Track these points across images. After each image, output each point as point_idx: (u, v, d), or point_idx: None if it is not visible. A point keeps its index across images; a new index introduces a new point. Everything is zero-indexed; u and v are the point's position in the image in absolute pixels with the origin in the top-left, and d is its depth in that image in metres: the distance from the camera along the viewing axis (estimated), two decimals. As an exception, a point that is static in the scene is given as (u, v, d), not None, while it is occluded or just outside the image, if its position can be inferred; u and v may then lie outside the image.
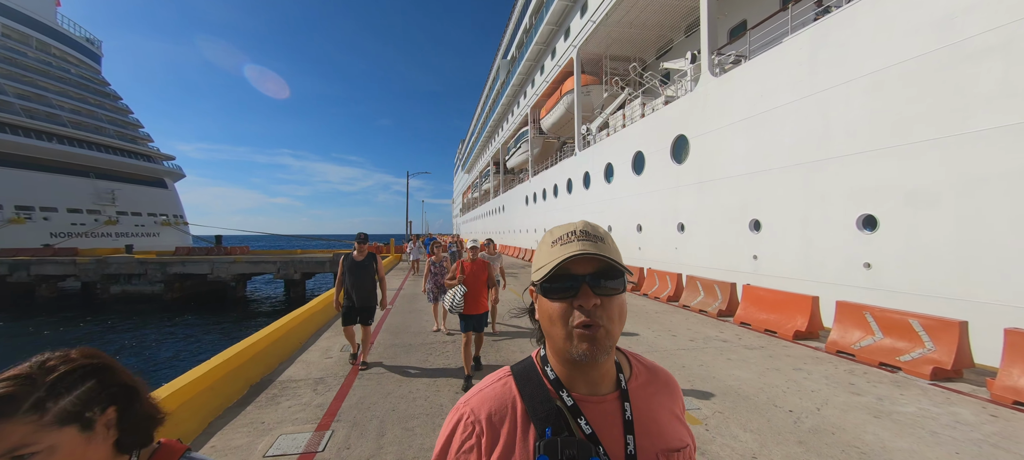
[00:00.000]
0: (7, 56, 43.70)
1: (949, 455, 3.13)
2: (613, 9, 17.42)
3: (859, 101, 7.37)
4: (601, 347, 0.70)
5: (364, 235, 5.28)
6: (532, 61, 29.14)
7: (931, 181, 6.38)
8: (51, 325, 18.59)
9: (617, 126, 17.57)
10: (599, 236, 0.76)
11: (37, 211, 41.05)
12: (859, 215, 7.41)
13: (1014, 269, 5.47)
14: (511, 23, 35.85)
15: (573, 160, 21.63)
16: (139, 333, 17.19)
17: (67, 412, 0.70)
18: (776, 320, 6.77)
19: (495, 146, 45.68)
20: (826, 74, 7.96)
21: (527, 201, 31.47)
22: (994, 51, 5.66)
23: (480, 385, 0.80)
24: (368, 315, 5.19)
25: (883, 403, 4.05)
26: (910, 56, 6.61)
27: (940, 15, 6.23)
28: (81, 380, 0.73)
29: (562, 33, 23.65)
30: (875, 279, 7.15)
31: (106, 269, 21.60)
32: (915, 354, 4.74)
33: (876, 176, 7.14)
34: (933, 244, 6.37)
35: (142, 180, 53.69)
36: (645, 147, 14.50)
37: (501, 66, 39.24)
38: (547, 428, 0.71)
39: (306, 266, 21.78)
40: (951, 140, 6.13)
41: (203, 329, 17.95)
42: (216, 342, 15.16)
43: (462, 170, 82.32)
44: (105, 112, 51.90)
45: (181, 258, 22.03)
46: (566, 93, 24.01)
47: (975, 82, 5.86)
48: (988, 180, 5.74)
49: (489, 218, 51.53)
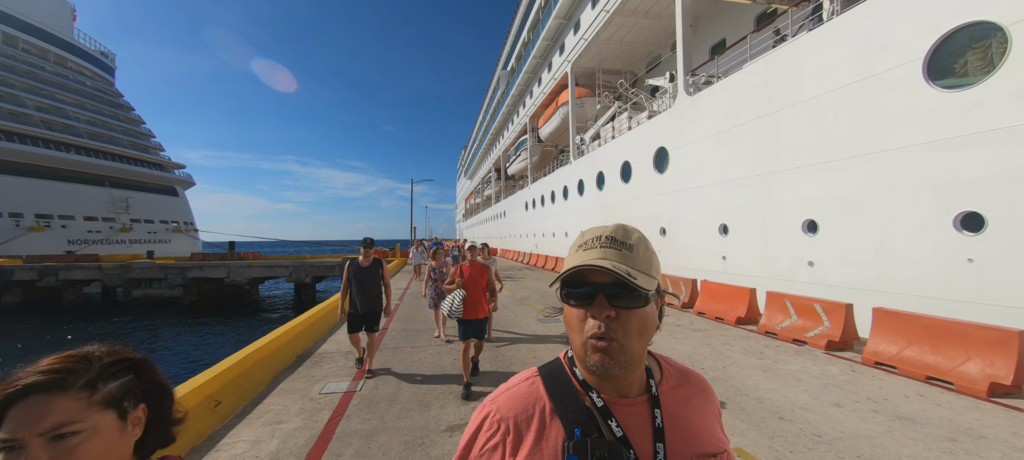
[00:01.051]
0: (27, 70, 45.49)
1: (800, 392, 4.35)
2: (603, 28, 18.71)
3: (803, 122, 8.58)
4: (615, 361, 0.68)
5: (370, 240, 5.19)
6: (530, 73, 30.50)
7: (857, 190, 7.57)
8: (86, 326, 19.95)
9: (607, 137, 18.82)
10: (628, 244, 0.73)
11: (56, 219, 42.66)
12: (804, 220, 8.61)
13: (914, 262, 6.65)
14: (510, 36, 37.27)
15: (568, 168, 22.88)
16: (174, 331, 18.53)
17: (113, 397, 0.71)
18: (723, 309, 7.97)
19: (496, 153, 47.04)
20: (778, 97, 9.18)
21: (526, 207, 32.70)
22: (900, 83, 6.86)
23: (507, 384, 0.79)
24: (374, 321, 5.11)
25: (776, 364, 5.27)
26: (840, 84, 7.82)
27: (862, 52, 7.44)
28: (125, 371, 0.75)
29: (557, 48, 24.99)
30: (817, 275, 8.32)
31: (129, 274, 22.98)
32: (817, 331, 5.93)
33: (817, 186, 8.33)
34: (860, 244, 7.54)
35: (154, 188, 55.32)
36: (632, 157, 15.72)
37: (501, 76, 40.64)
38: (577, 429, 0.68)
39: (317, 270, 23.09)
40: (872, 156, 7.33)
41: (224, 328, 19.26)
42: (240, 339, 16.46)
43: (465, 176, 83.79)
44: (119, 123, 53.60)
45: (199, 263, 23.39)
46: (562, 104, 25.32)
47: (888, 108, 7.06)
48: (897, 189, 6.93)
49: (491, 223, 52.79)
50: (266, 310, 24.07)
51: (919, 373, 4.56)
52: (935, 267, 6.41)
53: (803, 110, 8.57)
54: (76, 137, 46.09)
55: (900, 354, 4.85)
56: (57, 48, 51.19)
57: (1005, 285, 5.63)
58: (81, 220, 45.07)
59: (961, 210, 6.09)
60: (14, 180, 39.78)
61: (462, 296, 4.59)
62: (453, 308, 4.57)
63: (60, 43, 51.86)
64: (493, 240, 49.70)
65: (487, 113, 51.32)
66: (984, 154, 5.83)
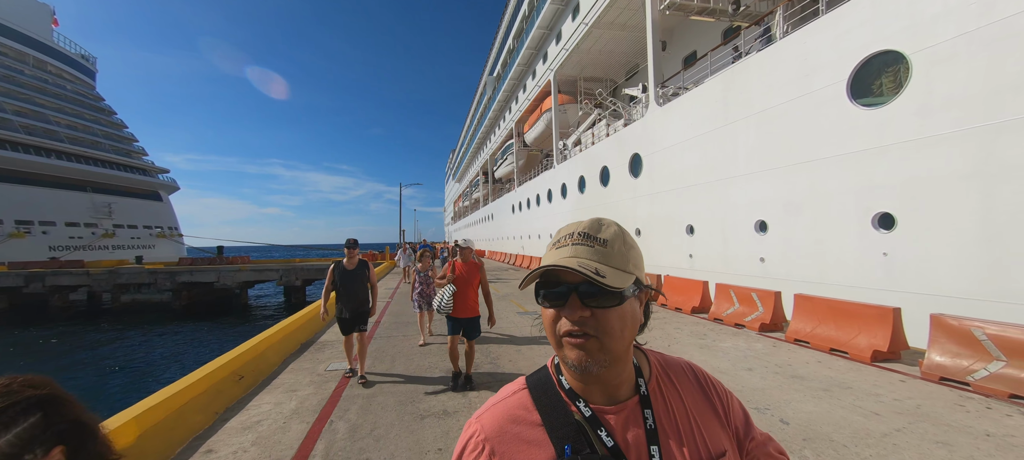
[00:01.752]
0: (5, 74, 44.80)
1: (723, 361, 5.27)
2: (583, 39, 19.69)
3: (754, 132, 9.58)
4: (594, 359, 0.65)
5: (354, 240, 5.03)
6: (515, 80, 31.42)
7: (798, 194, 8.56)
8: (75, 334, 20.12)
9: (588, 143, 19.78)
10: (602, 239, 0.70)
11: (36, 225, 42.09)
12: (756, 220, 9.59)
13: (842, 256, 7.65)
14: (496, 43, 38.17)
15: (552, 172, 23.79)
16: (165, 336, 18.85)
17: (3, 454, 0.60)
18: (681, 300, 8.91)
19: (483, 157, 47.85)
20: (733, 110, 10.17)
21: (513, 209, 33.54)
22: (831, 101, 7.87)
23: (494, 399, 0.76)
24: (362, 321, 4.99)
25: (713, 343, 6.20)
26: (784, 100, 8.82)
27: (800, 72, 8.44)
28: (23, 414, 0.63)
29: (541, 57, 25.94)
30: (767, 269, 9.30)
31: (118, 279, 23.14)
32: (753, 316, 6.87)
33: (767, 191, 9.32)
34: (801, 241, 8.53)
35: (137, 193, 54.67)
36: (610, 162, 16.68)
37: (488, 82, 41.51)
38: (566, 446, 0.66)
39: (307, 273, 23.56)
40: (809, 164, 8.32)
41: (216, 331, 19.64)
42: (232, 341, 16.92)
43: (453, 179, 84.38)
44: (100, 127, 52.96)
45: (189, 267, 23.66)
46: (546, 111, 26.24)
47: (822, 121, 8.06)
48: (829, 193, 7.93)
49: (479, 226, 53.52)
50: (255, 313, 24.42)
51: (825, 346, 5.49)
52: (858, 260, 7.41)
53: (754, 122, 9.56)
54: (57, 142, 45.51)
55: (813, 331, 5.79)
56: (36, 52, 50.47)
57: (911, 274, 6.63)
58: (62, 226, 44.50)
59: (877, 211, 7.09)
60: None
61: (452, 291, 4.55)
62: (443, 303, 4.52)
63: (39, 46, 51.13)
64: (482, 242, 50.42)
65: (474, 117, 52.13)
66: (893, 163, 6.84)
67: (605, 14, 17.63)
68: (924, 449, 3.04)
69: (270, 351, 5.36)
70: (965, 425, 3.40)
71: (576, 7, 20.17)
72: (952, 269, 6.14)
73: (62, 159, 45.64)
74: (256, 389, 4.44)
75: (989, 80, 5.70)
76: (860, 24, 7.31)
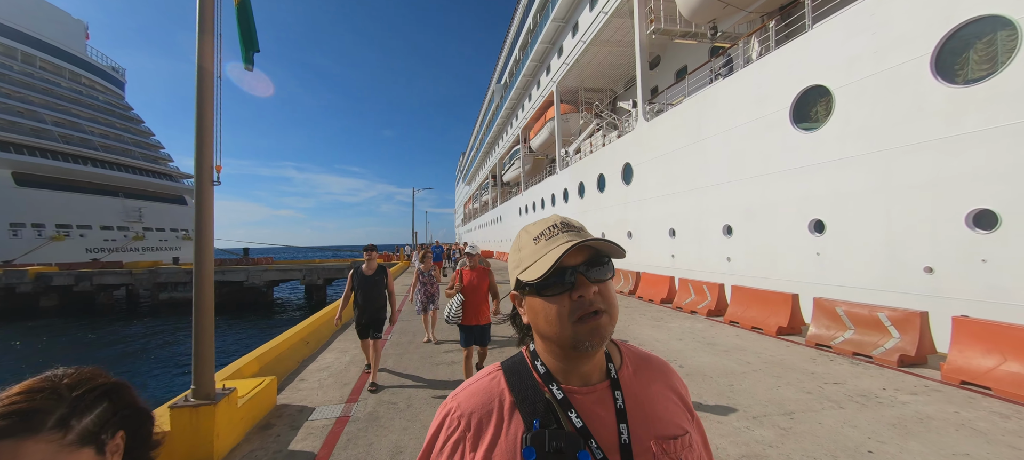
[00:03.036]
0: (45, 87, 47.90)
1: (663, 335, 6.78)
2: (583, 54, 21.21)
3: (721, 148, 11.03)
4: (607, 333, 0.71)
5: (372, 246, 5.19)
6: (521, 89, 33.05)
7: (754, 203, 9.99)
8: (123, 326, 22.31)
9: (587, 151, 21.29)
10: (577, 226, 0.77)
11: (74, 229, 44.99)
12: (723, 225, 11.04)
13: (787, 256, 9.08)
14: (503, 53, 39.84)
15: (555, 178, 25.34)
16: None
17: (88, 432, 0.66)
18: (653, 293, 10.47)
19: (492, 161, 49.56)
20: (705, 128, 11.63)
21: (520, 212, 35.14)
22: (778, 124, 9.30)
23: (469, 381, 0.80)
24: (377, 327, 5.09)
25: (663, 324, 7.76)
26: (743, 122, 10.27)
27: (755, 98, 9.88)
28: (98, 400, 0.69)
29: (544, 69, 27.52)
30: (733, 268, 10.74)
31: (157, 278, 25.33)
32: (703, 304, 8.37)
33: (731, 199, 10.76)
34: (757, 243, 9.97)
35: (164, 197, 57.60)
36: (605, 170, 18.17)
37: (496, 89, 43.20)
38: (535, 420, 0.70)
39: (328, 273, 25.48)
40: (761, 177, 9.76)
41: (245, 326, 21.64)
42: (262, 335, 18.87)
43: (463, 182, 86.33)
44: (130, 135, 55.95)
45: (221, 267, 25.73)
46: (549, 119, 27.80)
47: (772, 142, 9.49)
48: (776, 203, 9.36)
49: (488, 227, 55.25)
50: (280, 310, 26.42)
51: (748, 325, 6.97)
52: (799, 259, 8.84)
53: (721, 140, 11.02)
54: (91, 150, 48.41)
55: (743, 314, 7.28)
56: (71, 65, 53.61)
57: (836, 270, 8.05)
58: (97, 229, 47.40)
59: (812, 218, 8.53)
60: (36, 192, 42.10)
61: (460, 301, 4.50)
62: (452, 314, 4.46)
63: (74, 60, 54.30)
64: (491, 243, 52.11)
65: (483, 123, 53.89)
66: (824, 178, 8.27)
67: (601, 33, 19.14)
68: (762, 379, 4.57)
69: (322, 328, 7.05)
70: (802, 368, 4.96)
71: (575, 25, 21.74)
72: (863, 266, 7.57)
73: (96, 166, 48.57)
74: (319, 350, 6.13)
75: (886, 114, 7.13)
76: (800, 61, 8.76)
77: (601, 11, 18.29)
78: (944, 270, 6.36)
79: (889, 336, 5.33)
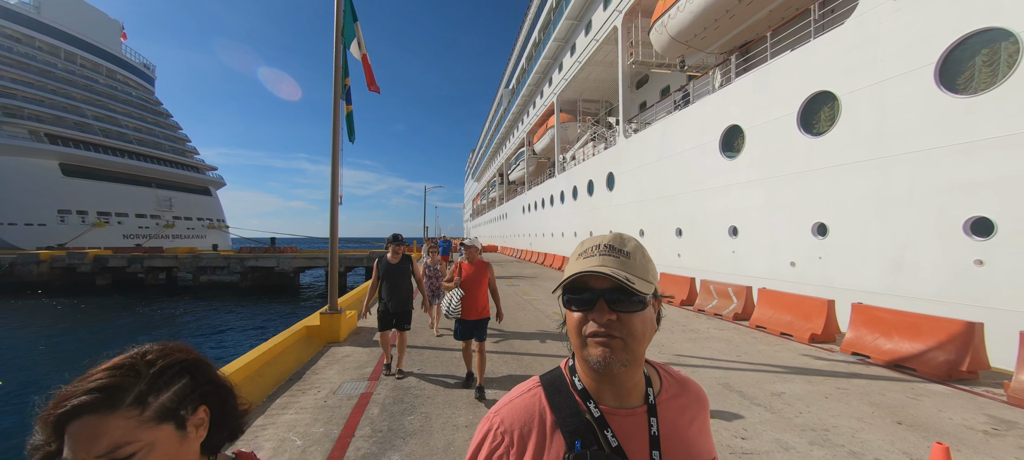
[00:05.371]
0: (85, 83, 51.60)
1: None
2: (580, 71, 23.83)
3: (678, 167, 13.66)
4: (617, 357, 0.72)
5: (398, 236, 5.11)
6: (526, 97, 35.73)
7: (697, 212, 12.63)
8: (172, 305, 25.62)
9: (581, 158, 23.95)
10: (626, 251, 0.77)
11: (113, 216, 48.80)
12: (675, 228, 13.69)
13: (717, 252, 11.74)
14: (511, 60, 42.48)
15: (554, 181, 28.04)
16: (240, 310, 24.11)
17: (166, 408, 0.69)
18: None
19: (500, 160, 52.33)
20: (668, 148, 14.26)
21: (523, 210, 37.91)
22: (712, 151, 11.91)
23: (510, 395, 0.82)
24: (405, 319, 5.04)
25: None
26: (691, 147, 12.89)
27: (698, 129, 12.49)
28: (178, 376, 0.72)
29: (547, 81, 30.17)
30: (683, 263, 13.40)
31: (199, 262, 28.63)
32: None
33: (681, 208, 13.40)
34: (698, 245, 12.62)
35: (191, 188, 61.27)
36: (594, 177, 20.84)
37: (504, 94, 45.91)
38: (577, 441, 0.72)
39: (349, 261, 28.54)
40: (699, 193, 12.39)
41: (276, 306, 24.81)
42: (293, 317, 21.99)
43: (472, 178, 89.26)
44: (161, 129, 59.64)
45: (255, 254, 28.95)
46: (550, 127, 30.46)
47: (710, 164, 12.10)
48: (709, 213, 12.01)
49: (495, 223, 58.15)
50: (305, 293, 29.60)
51: (712, 313, 9.54)
52: (722, 256, 11.49)
53: (676, 160, 13.66)
54: (127, 143, 52.14)
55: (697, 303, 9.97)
56: (108, 62, 57.35)
57: (745, 263, 10.70)
58: (133, 217, 51.18)
59: (730, 225, 11.17)
60: (80, 182, 45.88)
61: (460, 295, 4.52)
62: (451, 308, 4.50)
63: (111, 58, 58.06)
64: (497, 239, 55.06)
65: (492, 124, 56.64)
66: (738, 196, 10.90)
67: (595, 55, 21.75)
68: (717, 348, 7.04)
69: (357, 305, 9.91)
70: (732, 341, 7.58)
71: (573, 46, 24.36)
72: (758, 260, 10.21)
73: (131, 158, 52.26)
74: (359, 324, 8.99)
75: (773, 151, 9.74)
76: (726, 105, 11.36)
77: (593, 38, 20.92)
78: (801, 263, 9.02)
79: (733, 302, 8.05)
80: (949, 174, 6.47)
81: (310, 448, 3.38)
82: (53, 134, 44.71)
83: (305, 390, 4.65)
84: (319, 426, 3.74)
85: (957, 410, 4.06)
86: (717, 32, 13.65)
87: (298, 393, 4.56)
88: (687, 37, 14.35)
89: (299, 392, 4.60)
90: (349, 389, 4.68)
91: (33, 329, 18.75)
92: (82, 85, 51.24)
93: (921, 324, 5.06)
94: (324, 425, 3.75)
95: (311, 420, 3.87)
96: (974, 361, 4.62)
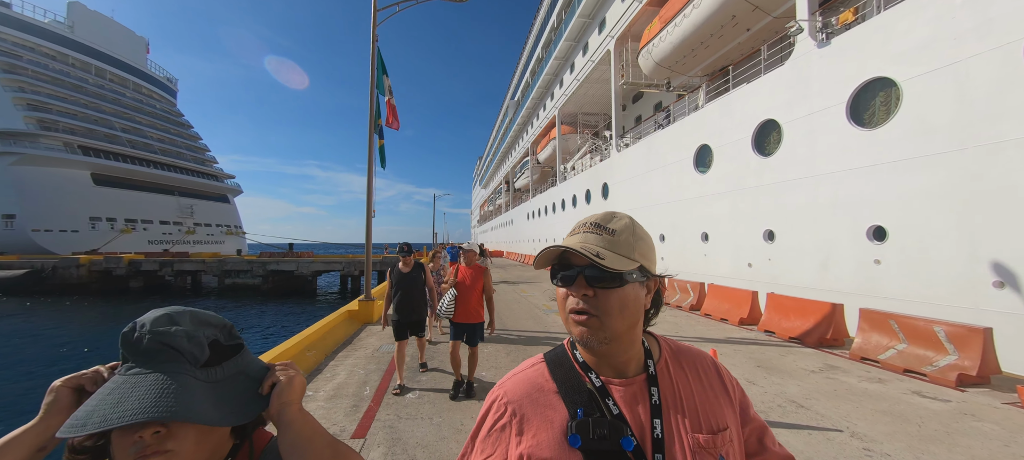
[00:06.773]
0: (114, 97, 54.56)
1: None
2: (579, 88, 25.62)
3: (663, 178, 15.32)
4: (595, 336, 0.73)
5: (408, 246, 5.13)
6: (530, 109, 37.62)
7: (678, 219, 14.27)
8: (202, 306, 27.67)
9: (580, 169, 25.68)
10: (610, 229, 0.77)
11: (139, 223, 51.45)
12: (659, 233, 15.33)
13: (693, 254, 13.36)
14: (516, 73, 44.48)
15: (556, 189, 29.78)
16: (263, 310, 26.10)
17: None
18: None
19: (506, 168, 54.24)
20: (653, 162, 15.93)
21: (528, 217, 39.66)
22: (687, 167, 13.56)
23: (515, 371, 0.85)
24: (419, 328, 5.11)
25: None
26: (671, 162, 14.55)
27: (676, 146, 14.16)
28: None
29: (549, 95, 32.02)
30: (664, 265, 15.01)
31: (225, 266, 30.74)
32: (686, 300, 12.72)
33: (664, 215, 15.04)
34: (679, 250, 14.24)
35: (211, 196, 63.97)
36: (591, 187, 22.54)
37: (509, 105, 47.88)
38: (579, 409, 0.74)
39: (362, 266, 30.44)
40: (680, 202, 14.03)
41: (294, 308, 26.74)
42: (310, 317, 23.89)
43: (479, 185, 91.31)
44: (182, 140, 62.48)
45: (276, 258, 31.00)
46: (552, 138, 32.26)
47: (684, 179, 13.75)
48: (685, 219, 13.65)
49: (501, 229, 59.97)
50: (322, 297, 31.54)
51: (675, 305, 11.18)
52: (695, 258, 13.11)
53: (659, 173, 15.33)
54: (152, 154, 54.90)
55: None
56: (135, 77, 60.52)
57: (714, 265, 12.31)
58: (157, 224, 53.85)
59: (701, 231, 12.80)
60: (109, 190, 48.59)
61: (453, 296, 4.57)
62: (444, 308, 4.56)
63: (137, 73, 61.25)
64: (503, 244, 56.80)
65: (499, 132, 58.65)
66: (709, 206, 12.53)
67: (592, 74, 23.52)
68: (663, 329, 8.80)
69: (386, 292, 11.70)
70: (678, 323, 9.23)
71: (573, 64, 26.17)
72: (725, 263, 11.83)
73: (156, 168, 55.00)
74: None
75: (737, 168, 11.38)
76: (698, 127, 13.03)
77: (590, 59, 22.74)
78: (756, 264, 10.64)
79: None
80: (858, 190, 8.09)
81: (370, 375, 5.13)
82: (85, 146, 47.47)
83: (356, 350, 6.44)
84: (372, 364, 5.55)
85: (806, 361, 5.73)
86: (695, 59, 15.37)
87: (351, 351, 6.35)
88: (670, 63, 16.08)
89: (352, 351, 6.39)
90: (387, 349, 6.45)
91: (74, 327, 20.85)
92: (111, 99, 54.20)
93: (807, 307, 6.69)
94: (376, 363, 5.55)
95: (365, 362, 5.66)
96: (836, 332, 6.26)
